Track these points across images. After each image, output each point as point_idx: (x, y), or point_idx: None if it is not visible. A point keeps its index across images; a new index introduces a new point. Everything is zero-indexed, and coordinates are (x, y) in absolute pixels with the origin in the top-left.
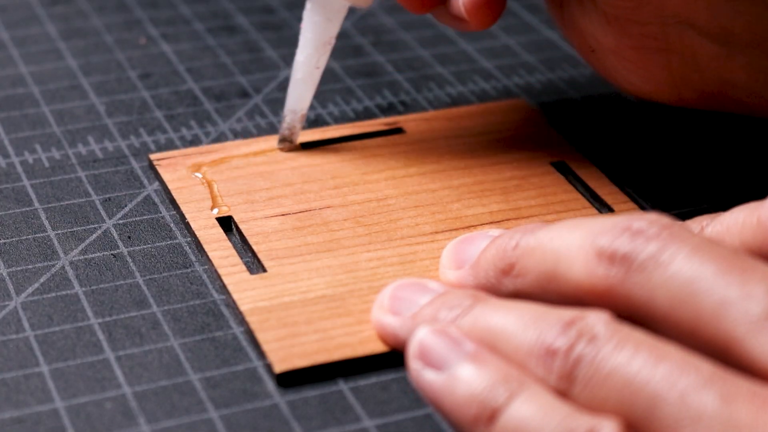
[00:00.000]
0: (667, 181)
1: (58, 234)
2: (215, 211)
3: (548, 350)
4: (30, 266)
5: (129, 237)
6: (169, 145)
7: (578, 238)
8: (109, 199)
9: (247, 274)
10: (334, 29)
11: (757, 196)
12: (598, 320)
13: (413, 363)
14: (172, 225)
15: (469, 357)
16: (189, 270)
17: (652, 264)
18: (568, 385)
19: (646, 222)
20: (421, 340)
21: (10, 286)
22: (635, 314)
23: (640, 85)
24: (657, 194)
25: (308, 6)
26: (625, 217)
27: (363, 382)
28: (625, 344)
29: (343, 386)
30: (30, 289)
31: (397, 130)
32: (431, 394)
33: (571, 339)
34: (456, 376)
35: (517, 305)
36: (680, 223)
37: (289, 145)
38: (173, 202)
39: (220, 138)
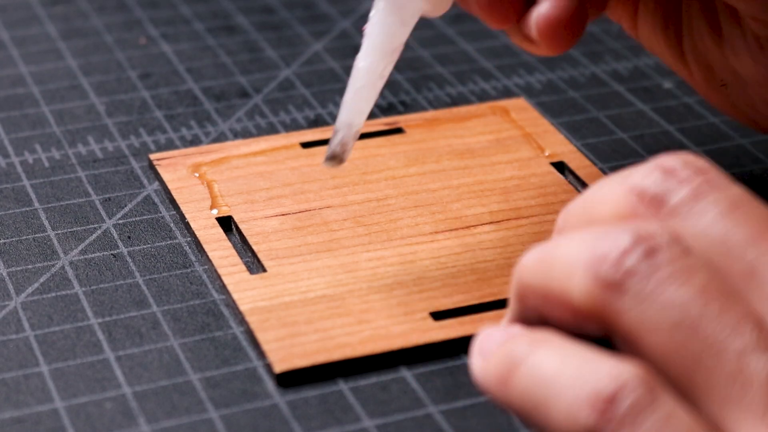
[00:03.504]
0: None
1: (58, 234)
2: (215, 211)
3: (609, 260)
4: (30, 266)
5: (129, 237)
6: (169, 145)
7: (614, 182)
8: (109, 199)
9: (247, 274)
10: (406, 35)
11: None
12: (663, 233)
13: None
14: (172, 225)
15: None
16: (189, 270)
17: (685, 211)
18: (617, 297)
19: (681, 162)
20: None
21: (10, 286)
22: None
23: None
24: None
25: (381, 5)
26: (658, 159)
27: (363, 382)
28: (689, 276)
29: (343, 386)
30: (30, 289)
31: (397, 130)
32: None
33: (630, 246)
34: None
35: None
36: (716, 170)
37: (338, 163)
38: (173, 202)
39: (220, 138)
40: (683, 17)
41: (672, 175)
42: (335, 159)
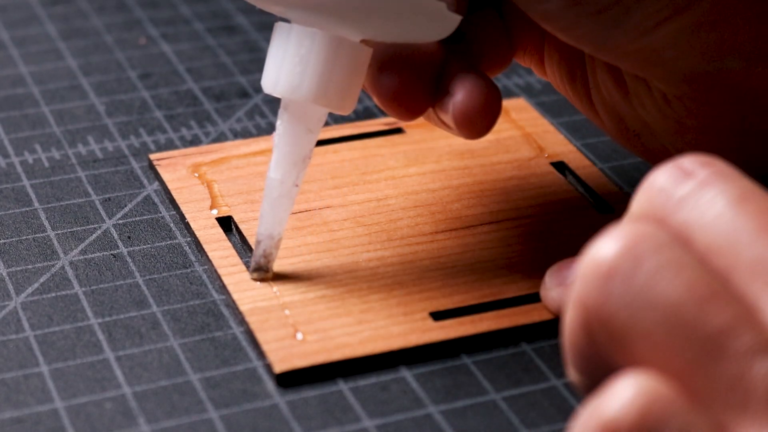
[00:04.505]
0: None
1: (58, 234)
2: (215, 211)
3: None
4: (30, 266)
5: (129, 237)
6: (169, 145)
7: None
8: (109, 199)
9: (247, 274)
10: (314, 140)
11: None
12: (652, 231)
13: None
14: (172, 225)
15: None
16: (189, 270)
17: (693, 202)
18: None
19: (690, 158)
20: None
21: (10, 286)
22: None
23: None
24: None
25: (285, 117)
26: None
27: (363, 382)
28: (678, 271)
29: (342, 386)
30: (30, 289)
31: (397, 130)
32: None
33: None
34: None
35: None
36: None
37: (265, 273)
38: (173, 202)
39: (220, 138)
40: (588, 72)
41: (680, 169)
42: (260, 270)
